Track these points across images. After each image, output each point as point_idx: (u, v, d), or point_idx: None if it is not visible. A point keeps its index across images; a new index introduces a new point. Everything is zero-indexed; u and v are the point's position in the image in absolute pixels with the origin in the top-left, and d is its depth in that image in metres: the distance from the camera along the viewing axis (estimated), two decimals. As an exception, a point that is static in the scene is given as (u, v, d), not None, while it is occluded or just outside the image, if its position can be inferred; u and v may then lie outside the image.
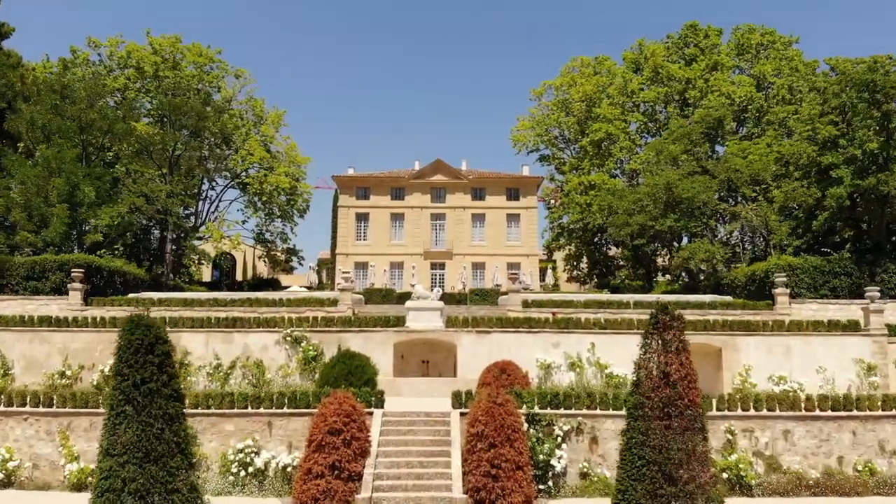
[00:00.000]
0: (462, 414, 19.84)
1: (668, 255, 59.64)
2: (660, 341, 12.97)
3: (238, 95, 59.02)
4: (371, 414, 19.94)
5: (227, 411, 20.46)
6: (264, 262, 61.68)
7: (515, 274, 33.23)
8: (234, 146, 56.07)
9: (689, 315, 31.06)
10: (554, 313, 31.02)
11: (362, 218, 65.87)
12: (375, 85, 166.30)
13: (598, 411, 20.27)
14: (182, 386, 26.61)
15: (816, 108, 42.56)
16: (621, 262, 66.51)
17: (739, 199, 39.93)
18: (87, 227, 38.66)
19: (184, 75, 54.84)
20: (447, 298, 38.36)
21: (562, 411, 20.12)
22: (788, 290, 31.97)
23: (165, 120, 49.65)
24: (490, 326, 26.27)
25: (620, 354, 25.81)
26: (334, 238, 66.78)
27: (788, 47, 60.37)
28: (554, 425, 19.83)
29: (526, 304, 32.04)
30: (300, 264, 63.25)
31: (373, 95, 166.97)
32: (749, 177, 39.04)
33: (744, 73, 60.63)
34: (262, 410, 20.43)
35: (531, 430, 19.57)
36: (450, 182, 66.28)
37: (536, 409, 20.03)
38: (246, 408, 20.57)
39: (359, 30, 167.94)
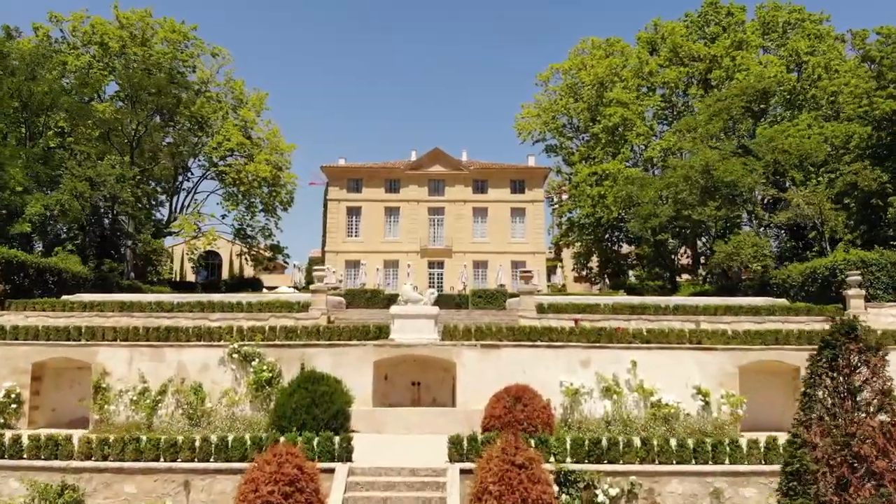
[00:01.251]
0: (464, 471, 13.53)
1: (691, 252, 53.28)
2: (844, 388, 6.63)
3: (216, 76, 52.68)
4: (332, 471, 13.61)
5: (128, 465, 14.14)
6: (245, 259, 55.31)
7: (529, 272, 26.76)
8: (210, 131, 49.74)
9: (746, 323, 24.93)
10: (576, 320, 24.66)
11: (354, 212, 59.58)
12: (370, 72, 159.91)
13: (657, 466, 13.96)
14: (98, 416, 20.80)
15: (870, 83, 36.20)
16: (634, 261, 60.15)
17: (788, 184, 33.61)
18: (24, 217, 32.31)
19: (154, 52, 48.46)
20: (445, 301, 32.05)
21: (606, 467, 13.81)
22: (863, 292, 25.65)
23: (133, 101, 43.26)
24: (499, 338, 19.90)
25: (670, 376, 19.55)
26: (325, 235, 60.50)
27: (819, 25, 54.00)
28: (596, 488, 13.52)
29: (541, 310, 25.65)
30: (286, 262, 56.91)
31: (367, 83, 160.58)
32: (798, 158, 32.68)
33: (769, 53, 54.29)
34: (177, 464, 14.11)
35: (563, 497, 13.29)
36: (449, 173, 59.96)
37: (570, 465, 13.72)
38: (157, 459, 14.24)
39: (351, 13, 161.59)
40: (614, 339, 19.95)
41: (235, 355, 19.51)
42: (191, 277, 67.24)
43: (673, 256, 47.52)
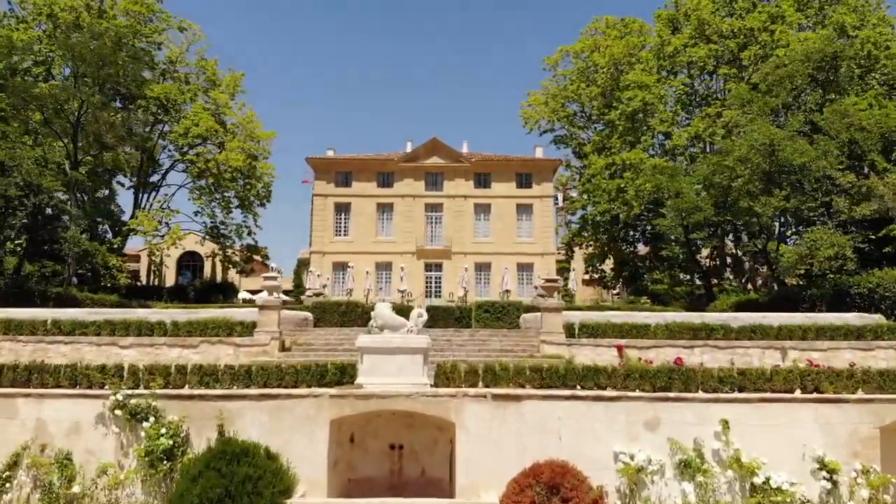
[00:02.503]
0: None
1: (718, 253, 46.44)
2: None
3: (187, 55, 45.85)
4: None
5: None
6: (222, 261, 48.47)
7: (554, 281, 19.66)
8: (178, 116, 42.98)
9: (846, 350, 18.18)
10: (619, 348, 17.84)
11: (342, 209, 52.80)
12: (362, 60, 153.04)
13: None
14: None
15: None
16: (652, 263, 53.39)
17: (867, 170, 26.81)
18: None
19: (112, 26, 41.55)
20: (443, 316, 25.17)
21: None
22: None
23: (76, 75, 36.41)
24: (520, 383, 13.07)
25: (779, 442, 12.73)
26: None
27: (863, -3, 47.10)
28: None
29: (570, 332, 18.75)
30: (265, 264, 50.07)
31: (359, 72, 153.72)
32: (879, 138, 25.82)
33: (807, 30, 47.46)
34: None
35: None
36: (448, 166, 53.19)
37: None
38: None
39: None
40: (692, 384, 13.12)
41: (119, 412, 12.68)
42: (171, 282, 60.55)
43: (698, 258, 40.36)
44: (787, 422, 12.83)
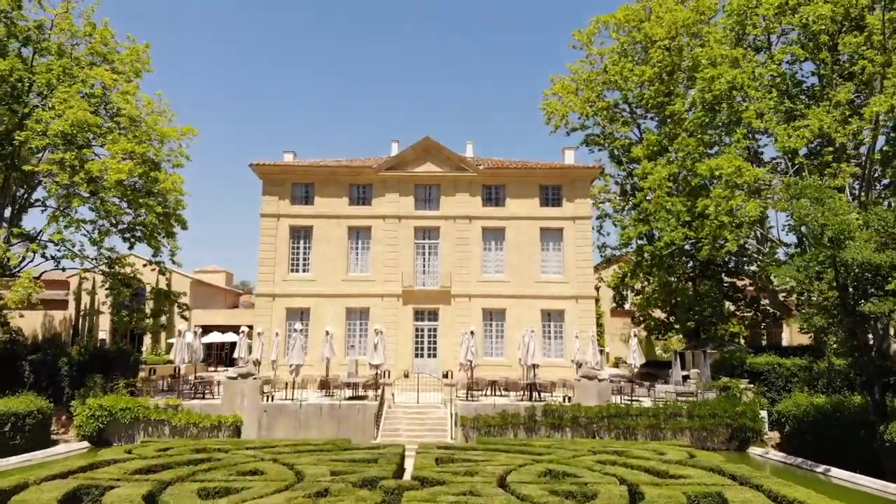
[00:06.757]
0: None
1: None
2: None
3: (77, 22, 30.14)
4: None
5: None
6: (110, 313, 32.85)
7: None
8: (42, 103, 27.54)
9: None
10: None
11: (300, 234, 37.42)
12: (348, 54, 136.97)
13: None
14: None
15: None
16: (724, 309, 38.02)
17: None
18: None
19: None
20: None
21: None
22: None
23: None
24: None
25: None
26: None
27: None
28: None
29: None
30: (184, 317, 34.49)
31: (341, 63, 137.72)
32: None
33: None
34: None
35: None
36: (447, 175, 37.71)
37: None
38: None
39: None
40: None
41: None
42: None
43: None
44: None
